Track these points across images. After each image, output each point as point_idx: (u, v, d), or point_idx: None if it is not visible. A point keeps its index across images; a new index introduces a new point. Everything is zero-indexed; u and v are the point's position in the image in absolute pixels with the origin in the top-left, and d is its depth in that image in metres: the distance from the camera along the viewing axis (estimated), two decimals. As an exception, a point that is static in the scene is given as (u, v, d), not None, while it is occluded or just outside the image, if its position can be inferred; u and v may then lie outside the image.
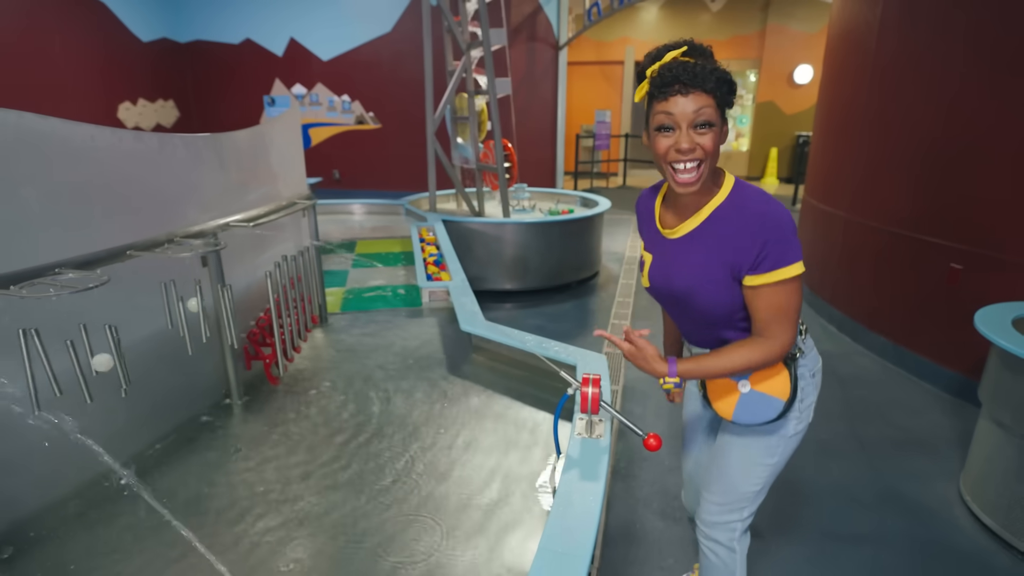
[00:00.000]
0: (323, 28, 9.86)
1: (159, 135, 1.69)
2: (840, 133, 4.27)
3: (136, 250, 1.55)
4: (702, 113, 1.11)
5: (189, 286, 1.73)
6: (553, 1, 9.11)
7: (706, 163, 1.15)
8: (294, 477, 1.66)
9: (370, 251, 4.41)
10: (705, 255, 1.22)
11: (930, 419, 3.04)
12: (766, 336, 1.22)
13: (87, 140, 1.46)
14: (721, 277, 1.21)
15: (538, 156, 9.67)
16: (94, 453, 1.25)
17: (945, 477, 2.57)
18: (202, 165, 1.87)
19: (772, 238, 1.14)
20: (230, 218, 1.94)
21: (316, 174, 10.50)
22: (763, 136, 11.42)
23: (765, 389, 1.30)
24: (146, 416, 1.77)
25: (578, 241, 5.19)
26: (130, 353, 1.48)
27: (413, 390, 2.14)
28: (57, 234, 1.40)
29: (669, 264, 1.29)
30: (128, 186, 1.61)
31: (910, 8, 3.53)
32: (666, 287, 1.31)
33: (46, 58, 8.02)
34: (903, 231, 3.52)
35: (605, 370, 2.01)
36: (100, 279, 1.29)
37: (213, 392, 2.05)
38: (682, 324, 1.41)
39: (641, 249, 1.42)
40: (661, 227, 1.33)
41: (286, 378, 2.24)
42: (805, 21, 10.52)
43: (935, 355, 3.35)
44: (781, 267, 1.15)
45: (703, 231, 1.23)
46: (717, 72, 1.12)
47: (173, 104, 10.40)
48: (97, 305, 1.41)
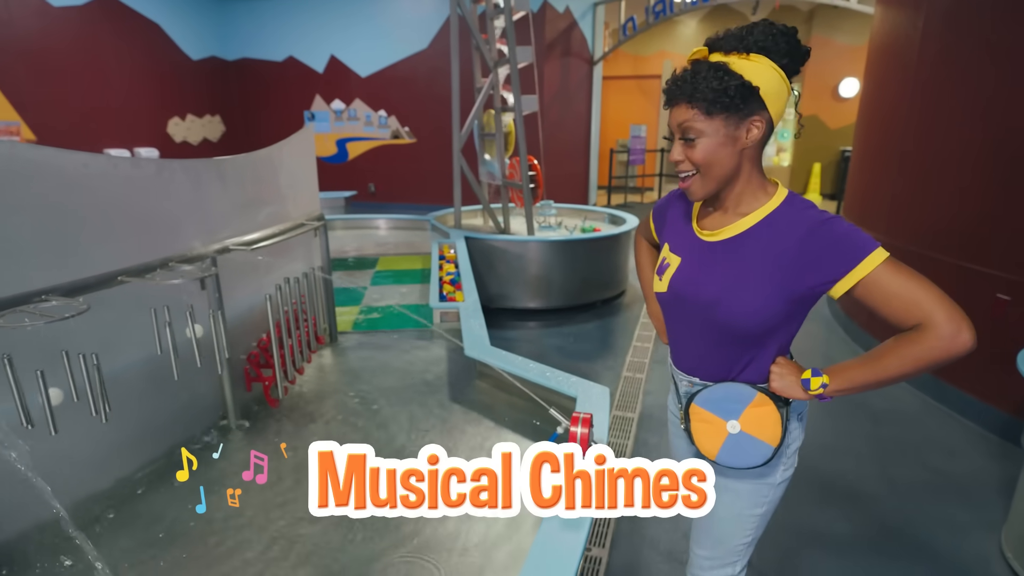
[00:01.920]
0: (362, 45, 10.10)
1: (157, 160, 1.71)
2: (879, 151, 4.07)
3: (128, 276, 1.57)
4: (685, 127, 1.08)
5: (192, 309, 1.74)
6: (588, 17, 9.08)
7: (701, 174, 1.10)
8: (282, 508, 1.63)
9: (392, 268, 4.43)
10: (748, 261, 1.11)
11: (970, 462, 2.82)
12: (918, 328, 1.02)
13: (80, 167, 1.49)
14: (760, 286, 1.09)
15: (571, 171, 9.62)
16: (64, 487, 1.25)
17: (984, 529, 2.36)
18: (202, 189, 1.89)
19: (833, 238, 1.04)
20: (230, 241, 1.95)
21: (352, 187, 10.74)
22: (806, 151, 11.06)
23: (755, 432, 1.19)
24: (139, 438, 1.78)
25: (604, 259, 5.10)
26: (128, 374, 1.49)
27: (412, 418, 2.10)
28: (46, 260, 1.42)
29: (701, 268, 1.18)
30: (123, 212, 1.63)
31: (954, 19, 3.34)
32: (692, 293, 1.18)
33: (102, 75, 8.45)
34: (944, 256, 3.30)
35: (606, 405, 1.92)
36: (79, 308, 1.30)
37: (210, 414, 2.06)
38: (684, 343, 1.29)
39: (665, 251, 1.27)
40: (698, 228, 1.22)
41: (286, 401, 2.24)
42: (851, 33, 10.18)
43: (979, 391, 3.12)
44: (861, 260, 1.03)
45: (751, 236, 1.12)
46: (704, 79, 1.03)
47: (220, 119, 10.80)
48: (97, 328, 1.42)
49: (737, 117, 1.06)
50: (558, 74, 9.22)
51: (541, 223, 5.84)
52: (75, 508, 1.54)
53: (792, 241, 1.07)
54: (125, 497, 1.62)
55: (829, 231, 1.05)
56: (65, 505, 1.56)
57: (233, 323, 2.06)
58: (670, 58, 11.65)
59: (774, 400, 1.17)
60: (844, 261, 1.04)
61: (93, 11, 8.21)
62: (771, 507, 1.32)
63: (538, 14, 8.53)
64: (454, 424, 2.05)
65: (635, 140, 11.17)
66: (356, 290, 3.81)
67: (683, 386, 1.29)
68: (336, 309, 2.89)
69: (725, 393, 1.19)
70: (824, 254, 1.04)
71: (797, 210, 1.11)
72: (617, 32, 9.05)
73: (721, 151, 1.08)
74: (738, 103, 1.05)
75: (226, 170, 2.03)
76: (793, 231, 1.07)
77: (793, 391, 1.14)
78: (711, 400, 1.20)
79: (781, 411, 1.18)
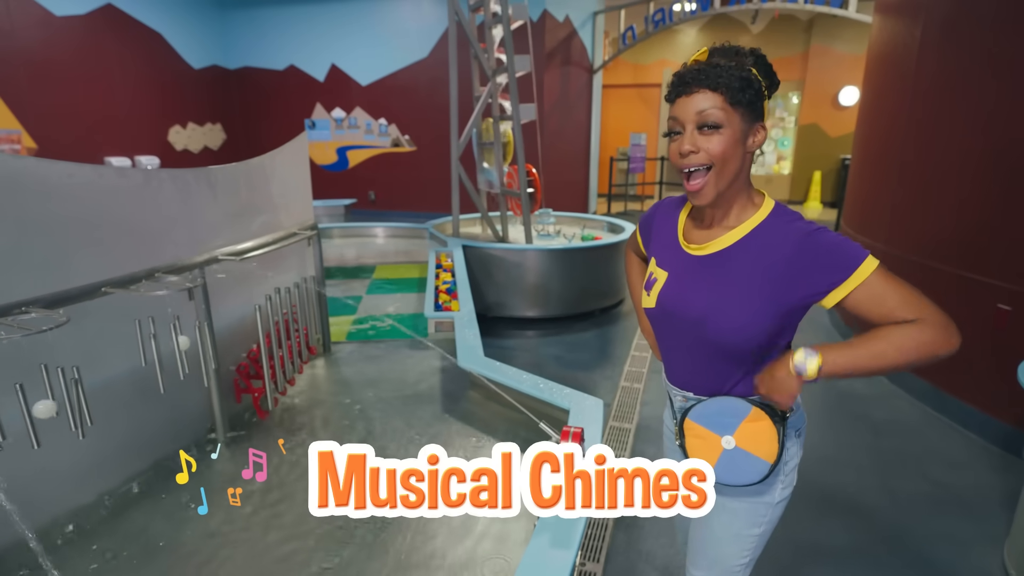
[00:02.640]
0: (363, 54, 10.14)
1: (144, 170, 1.70)
2: (878, 160, 4.05)
3: (111, 287, 1.55)
4: (707, 114, 1.00)
5: (178, 320, 1.71)
6: (588, 25, 9.10)
7: (717, 170, 1.04)
8: (269, 523, 1.60)
9: (389, 276, 4.41)
10: (736, 275, 1.08)
11: (973, 475, 2.77)
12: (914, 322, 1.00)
13: (64, 177, 1.47)
14: (750, 300, 1.07)
15: (571, 179, 9.62)
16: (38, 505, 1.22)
17: (987, 543, 2.31)
18: (191, 198, 1.87)
19: (824, 249, 1.02)
20: (220, 251, 1.93)
21: (353, 195, 10.74)
22: (806, 159, 11.06)
23: (751, 448, 1.15)
24: (122, 452, 1.76)
25: (602, 268, 5.07)
26: (113, 386, 1.47)
27: (403, 430, 2.07)
28: (27, 272, 1.39)
29: (689, 283, 1.14)
30: (108, 222, 1.61)
31: (952, 28, 3.32)
32: (680, 309, 1.15)
33: (104, 84, 8.47)
34: (944, 266, 3.27)
35: (600, 417, 1.89)
36: (58, 320, 1.27)
37: (198, 427, 2.03)
38: (676, 358, 1.25)
39: (652, 265, 1.23)
40: (685, 242, 1.18)
41: (277, 412, 2.21)
42: (850, 42, 10.18)
43: (981, 402, 3.08)
44: (854, 270, 1.01)
45: (739, 249, 1.09)
46: (727, 69, 1.00)
47: (221, 127, 10.83)
48: (81, 339, 1.40)
49: (752, 116, 1.03)
50: (558, 82, 9.23)
51: (540, 231, 5.82)
52: (52, 524, 1.52)
53: (782, 253, 1.04)
54: (107, 513, 1.59)
55: (819, 242, 1.03)
56: (41, 522, 1.53)
57: (223, 333, 2.03)
58: (670, 67, 11.66)
59: (770, 414, 1.13)
60: (837, 271, 1.02)
61: (96, 20, 8.25)
62: (769, 527, 1.28)
63: (538, 23, 8.55)
64: (446, 437, 2.02)
65: (635, 148, 11.18)
66: (351, 299, 3.79)
67: (677, 401, 1.26)
68: (330, 319, 2.87)
69: (720, 407, 1.15)
70: (816, 265, 1.03)
71: (785, 222, 1.08)
72: (617, 41, 9.08)
73: (737, 148, 1.03)
74: (755, 101, 1.03)
75: (217, 179, 2.02)
76: (782, 243, 1.05)
77: (785, 385, 1.04)
78: (705, 415, 1.17)
79: (778, 426, 1.14)
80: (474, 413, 2.24)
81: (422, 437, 2.03)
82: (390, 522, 1.59)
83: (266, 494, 1.71)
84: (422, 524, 1.59)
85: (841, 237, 1.04)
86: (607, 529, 2.35)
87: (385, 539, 1.54)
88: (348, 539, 1.54)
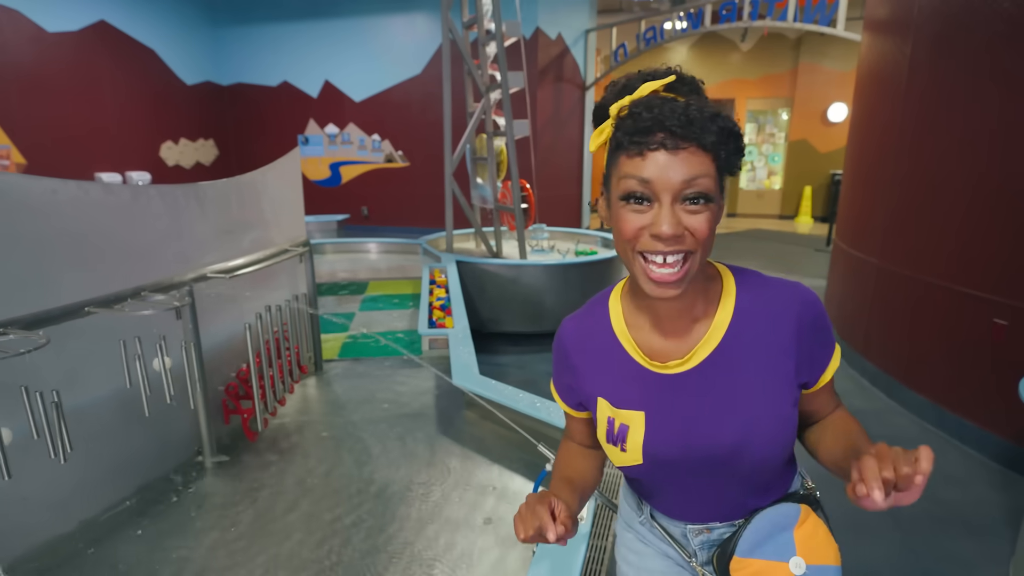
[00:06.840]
0: (356, 70, 10.17)
1: (132, 187, 1.66)
2: (870, 175, 4.06)
3: (95, 306, 1.50)
4: (697, 183, 0.71)
5: (164, 340, 1.66)
6: (580, 43, 9.19)
7: (700, 255, 0.75)
8: (254, 552, 1.54)
9: (381, 292, 4.36)
10: (751, 376, 0.82)
11: (976, 493, 2.74)
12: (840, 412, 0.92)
13: (47, 193, 1.43)
14: (779, 397, 0.83)
15: (564, 194, 9.64)
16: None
17: (993, 563, 2.27)
18: (180, 215, 1.83)
19: (819, 323, 0.85)
20: (208, 268, 1.89)
21: (346, 211, 10.71)
22: (796, 174, 11.16)
23: (818, 559, 0.85)
24: (105, 477, 1.69)
25: (596, 283, 5.04)
26: (96, 408, 1.41)
27: (396, 452, 2.02)
28: (6, 291, 1.35)
29: (691, 414, 0.84)
30: (93, 239, 1.57)
31: (945, 45, 3.36)
32: (691, 452, 0.84)
33: (96, 100, 8.44)
34: (939, 281, 3.26)
35: (597, 437, 1.85)
36: (37, 342, 1.22)
37: (185, 449, 1.97)
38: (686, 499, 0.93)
39: (607, 409, 0.88)
40: (650, 362, 0.85)
41: (266, 433, 2.15)
42: (838, 59, 10.34)
43: (981, 418, 3.05)
44: (834, 350, 0.87)
45: (733, 342, 0.83)
46: (721, 120, 0.72)
47: (213, 143, 10.80)
48: (63, 360, 1.35)
49: (724, 179, 0.77)
50: (551, 99, 9.29)
51: (534, 247, 5.81)
52: (30, 554, 1.45)
53: (784, 331, 0.83)
54: (88, 541, 1.53)
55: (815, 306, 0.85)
56: (18, 551, 1.46)
57: (212, 353, 1.98)
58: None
59: (812, 506, 0.91)
60: (830, 348, 0.87)
61: (88, 37, 8.24)
62: None
63: (531, 40, 8.62)
64: (440, 458, 1.97)
65: (628, 164, 11.24)
66: (344, 316, 3.74)
67: (695, 536, 0.95)
68: (322, 336, 2.82)
69: (770, 525, 0.87)
70: (816, 345, 0.85)
71: (759, 288, 0.85)
72: (609, 58, 9.16)
73: (715, 226, 0.76)
74: (739, 166, 0.76)
75: (207, 195, 1.98)
76: (779, 317, 0.83)
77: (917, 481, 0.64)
78: (757, 543, 0.87)
79: (822, 516, 0.91)
80: (470, 433, 2.19)
81: (417, 459, 1.97)
82: (385, 552, 1.54)
83: (253, 523, 1.66)
84: (418, 551, 1.53)
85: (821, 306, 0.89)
86: (606, 551, 2.29)
87: (380, 572, 1.48)
88: (337, 564, 1.48)
